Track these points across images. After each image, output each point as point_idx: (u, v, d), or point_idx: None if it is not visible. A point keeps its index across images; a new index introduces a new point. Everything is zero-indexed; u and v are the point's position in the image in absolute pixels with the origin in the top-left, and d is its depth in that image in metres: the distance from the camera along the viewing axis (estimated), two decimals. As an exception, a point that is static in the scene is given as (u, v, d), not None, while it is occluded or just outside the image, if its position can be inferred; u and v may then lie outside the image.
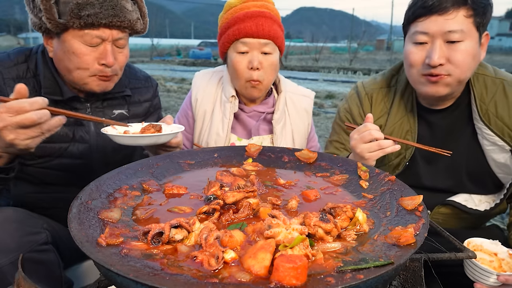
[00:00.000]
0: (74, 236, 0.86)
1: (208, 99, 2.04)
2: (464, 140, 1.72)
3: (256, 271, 0.76)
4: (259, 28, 1.81)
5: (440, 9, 1.49)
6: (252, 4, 1.87)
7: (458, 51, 1.51)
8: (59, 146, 1.65)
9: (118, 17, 1.50)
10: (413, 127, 1.77)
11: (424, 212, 1.01)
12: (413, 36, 1.59)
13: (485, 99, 1.65)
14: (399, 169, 1.81)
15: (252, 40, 1.83)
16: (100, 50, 1.53)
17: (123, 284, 0.76)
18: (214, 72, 2.14)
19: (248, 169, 1.44)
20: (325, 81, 17.70)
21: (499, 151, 1.65)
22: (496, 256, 1.36)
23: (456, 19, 1.49)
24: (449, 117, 1.73)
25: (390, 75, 1.89)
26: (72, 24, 1.45)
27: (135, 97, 1.87)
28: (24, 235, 1.40)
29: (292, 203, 1.11)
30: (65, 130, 1.64)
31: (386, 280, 0.82)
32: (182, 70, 24.51)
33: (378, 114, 1.84)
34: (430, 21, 1.52)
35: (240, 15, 1.84)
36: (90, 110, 1.70)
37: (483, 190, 1.77)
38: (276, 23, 1.87)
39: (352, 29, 77.27)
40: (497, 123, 1.62)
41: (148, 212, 1.07)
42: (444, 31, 1.50)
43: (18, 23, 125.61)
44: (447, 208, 1.79)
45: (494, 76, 1.69)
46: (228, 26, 1.88)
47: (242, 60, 1.86)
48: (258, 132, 2.01)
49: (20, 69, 1.58)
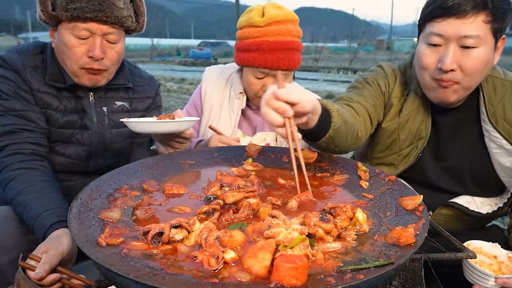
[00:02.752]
0: (74, 236, 0.86)
1: (216, 94, 2.08)
2: (470, 141, 1.71)
3: (256, 271, 0.76)
4: (280, 62, 1.83)
5: (459, 12, 1.44)
6: (276, 30, 1.83)
7: (471, 57, 1.47)
8: (69, 132, 1.71)
9: (104, 12, 1.53)
10: (428, 119, 1.72)
11: (424, 212, 1.01)
12: (428, 36, 1.55)
13: (494, 101, 1.62)
14: (411, 160, 1.76)
15: (270, 71, 1.86)
16: (89, 43, 1.58)
17: (123, 284, 0.76)
18: (225, 68, 2.18)
19: (248, 169, 1.44)
20: (325, 81, 17.70)
21: (505, 155, 1.63)
22: (496, 259, 1.35)
23: (474, 24, 1.44)
24: (456, 116, 1.70)
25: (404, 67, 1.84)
26: (61, 16, 1.52)
27: (138, 92, 1.92)
28: (23, 234, 1.41)
29: (292, 203, 1.11)
30: (75, 117, 1.71)
31: (386, 280, 0.82)
32: (182, 70, 24.54)
33: (398, 94, 1.79)
34: (447, 24, 1.47)
35: (262, 44, 1.83)
36: (93, 99, 1.75)
37: (486, 193, 1.76)
38: (297, 51, 1.88)
39: (352, 29, 77.23)
40: (505, 126, 1.61)
41: (148, 212, 1.07)
42: (459, 35, 1.46)
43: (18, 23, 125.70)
44: (449, 209, 1.78)
45: (504, 78, 1.66)
46: (249, 49, 1.88)
47: (258, 83, 1.91)
48: (263, 129, 2.05)
49: (37, 59, 1.68)
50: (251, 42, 1.87)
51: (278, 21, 1.84)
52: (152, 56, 39.16)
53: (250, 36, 1.88)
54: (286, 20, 1.86)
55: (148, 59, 36.23)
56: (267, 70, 1.86)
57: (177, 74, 20.55)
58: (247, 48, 1.89)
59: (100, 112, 1.76)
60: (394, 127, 1.78)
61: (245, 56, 1.90)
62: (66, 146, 1.72)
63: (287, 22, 1.86)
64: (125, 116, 1.82)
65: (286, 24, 1.86)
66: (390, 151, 1.81)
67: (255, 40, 1.86)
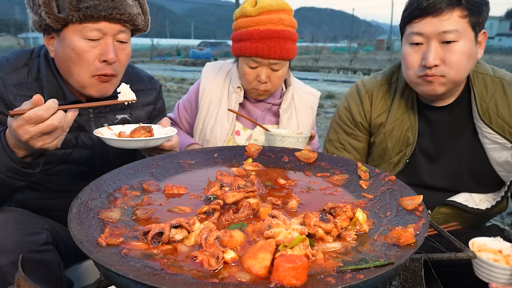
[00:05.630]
0: (74, 236, 0.86)
1: (215, 89, 2.10)
2: (465, 138, 1.73)
3: (256, 271, 0.76)
4: (271, 51, 1.84)
5: (435, 11, 1.50)
6: (267, 19, 1.85)
7: (453, 51, 1.53)
8: (63, 152, 1.62)
9: (118, 9, 1.46)
10: (414, 124, 1.77)
11: (424, 212, 1.01)
12: (409, 37, 1.61)
13: (485, 98, 1.65)
14: (400, 167, 1.81)
15: (262, 59, 1.87)
16: (101, 46, 1.48)
17: (123, 284, 0.76)
18: (224, 63, 2.20)
19: (248, 169, 1.44)
20: (325, 81, 17.70)
21: (500, 149, 1.65)
22: (501, 253, 1.34)
23: (451, 20, 1.50)
24: (450, 114, 1.73)
25: (391, 72, 1.90)
26: (71, 17, 1.41)
27: (138, 100, 1.82)
28: (25, 235, 1.40)
29: (292, 203, 1.11)
30: (69, 136, 1.61)
31: (386, 280, 0.82)
32: (182, 70, 24.54)
33: (379, 112, 1.85)
34: (425, 23, 1.54)
35: (253, 33, 1.85)
36: (93, 116, 1.68)
37: (484, 188, 1.78)
38: (289, 40, 1.88)
39: (352, 29, 77.26)
40: (498, 121, 1.63)
41: (148, 212, 1.07)
42: (439, 32, 1.52)
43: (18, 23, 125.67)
44: (447, 208, 1.79)
45: (493, 75, 1.69)
46: (241, 38, 1.90)
47: (251, 73, 1.93)
48: (263, 122, 2.06)
49: (20, 73, 1.55)
50: (243, 32, 1.89)
51: (270, 10, 1.85)
52: (152, 56, 39.14)
53: (243, 26, 1.90)
54: (278, 9, 1.87)
55: (148, 59, 36.20)
56: (259, 59, 1.87)
57: (177, 74, 20.54)
58: (239, 38, 1.91)
59: None
60: (381, 137, 1.84)
61: (238, 45, 1.92)
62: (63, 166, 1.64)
63: (279, 12, 1.87)
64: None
65: (278, 14, 1.86)
66: (381, 160, 1.87)
67: (247, 29, 1.88)
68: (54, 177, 1.66)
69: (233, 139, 2.07)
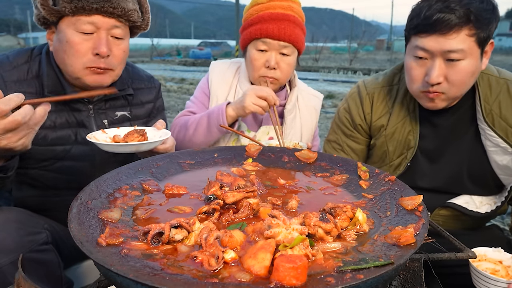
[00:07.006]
0: (74, 236, 0.86)
1: (223, 86, 2.10)
2: (467, 140, 1.71)
3: (256, 271, 0.76)
4: (281, 32, 1.85)
5: (442, 28, 1.46)
6: (278, 5, 1.89)
7: (457, 70, 1.51)
8: (62, 148, 1.62)
9: (110, 2, 1.46)
10: (415, 127, 1.76)
11: (424, 212, 1.01)
12: (414, 50, 1.58)
13: (489, 99, 1.64)
14: (401, 170, 1.80)
15: (272, 41, 1.87)
16: (94, 39, 1.49)
17: (123, 284, 0.76)
18: (231, 62, 2.20)
19: (248, 169, 1.44)
20: (325, 81, 17.70)
21: (501, 153, 1.64)
22: (502, 264, 1.33)
23: (458, 39, 1.46)
24: (453, 116, 1.72)
25: (393, 74, 1.89)
26: (64, 9, 1.43)
27: (138, 98, 1.85)
28: (25, 235, 1.40)
29: (292, 203, 1.11)
30: (68, 132, 1.62)
31: (386, 280, 0.82)
32: (182, 70, 24.55)
33: (380, 114, 1.84)
34: (431, 39, 1.50)
35: (264, 15, 1.88)
36: (92, 112, 1.68)
37: (484, 191, 1.77)
38: (298, 27, 1.91)
39: (352, 29, 77.21)
40: (501, 123, 1.61)
41: (148, 212, 1.07)
42: (444, 50, 1.49)
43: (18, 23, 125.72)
44: (447, 210, 1.78)
45: (498, 76, 1.68)
46: (252, 23, 1.92)
47: (260, 58, 1.92)
48: (267, 123, 2.06)
49: (21, 71, 1.56)
50: (255, 17, 1.91)
51: None
52: (152, 56, 39.14)
53: (254, 13, 1.93)
54: None
55: (148, 59, 36.21)
56: (269, 40, 1.87)
57: (177, 74, 20.55)
58: (250, 23, 1.93)
59: (101, 125, 1.69)
60: (382, 139, 1.83)
61: (248, 31, 1.93)
62: (62, 163, 1.63)
63: (289, 1, 1.93)
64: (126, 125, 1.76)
65: (288, 2, 1.92)
66: (382, 162, 1.86)
67: (258, 14, 1.91)
68: (53, 173, 1.66)
69: (237, 139, 2.07)
